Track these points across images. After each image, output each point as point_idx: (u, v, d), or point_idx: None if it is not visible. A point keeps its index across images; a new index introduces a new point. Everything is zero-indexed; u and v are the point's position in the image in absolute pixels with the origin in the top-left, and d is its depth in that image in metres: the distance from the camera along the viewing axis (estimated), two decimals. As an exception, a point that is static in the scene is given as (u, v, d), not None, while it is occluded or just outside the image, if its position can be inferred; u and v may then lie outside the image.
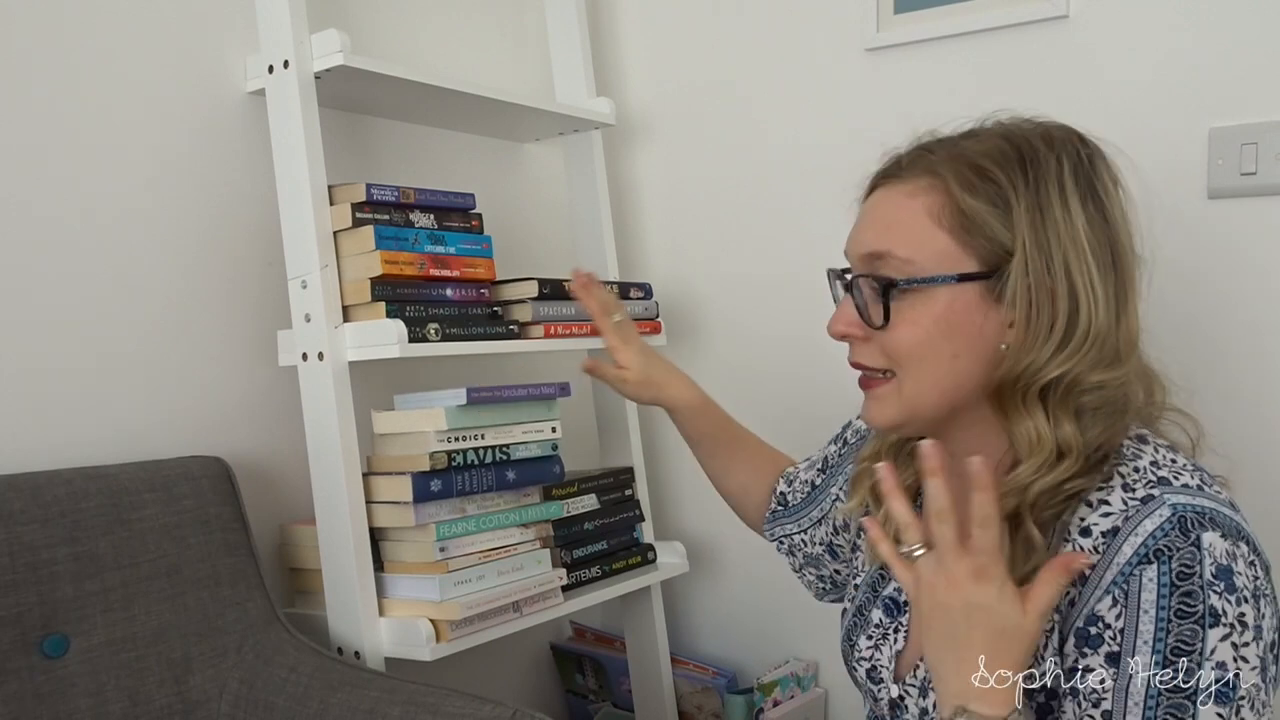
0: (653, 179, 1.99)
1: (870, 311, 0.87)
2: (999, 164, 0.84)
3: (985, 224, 0.83)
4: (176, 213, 1.41)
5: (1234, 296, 1.45)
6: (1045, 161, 0.84)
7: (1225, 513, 0.78)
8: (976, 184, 0.83)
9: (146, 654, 1.20)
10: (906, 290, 0.85)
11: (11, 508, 1.14)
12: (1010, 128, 0.88)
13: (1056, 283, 0.82)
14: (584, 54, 1.83)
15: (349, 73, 1.38)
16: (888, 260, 0.86)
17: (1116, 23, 1.50)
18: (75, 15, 1.31)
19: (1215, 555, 0.74)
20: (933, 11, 1.63)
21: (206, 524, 1.28)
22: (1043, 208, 0.82)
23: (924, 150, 0.89)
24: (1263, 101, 1.40)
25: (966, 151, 0.86)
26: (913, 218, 0.85)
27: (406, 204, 1.42)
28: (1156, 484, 0.80)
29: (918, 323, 0.85)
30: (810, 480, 1.21)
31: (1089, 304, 0.82)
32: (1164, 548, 0.75)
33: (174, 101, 1.41)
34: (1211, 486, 0.81)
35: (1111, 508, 0.80)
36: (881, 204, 0.90)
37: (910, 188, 0.87)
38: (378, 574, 1.37)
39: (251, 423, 1.46)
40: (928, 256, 0.84)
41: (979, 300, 0.84)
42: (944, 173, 0.85)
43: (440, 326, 1.39)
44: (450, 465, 1.37)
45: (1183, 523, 0.76)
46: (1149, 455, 0.83)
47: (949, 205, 0.84)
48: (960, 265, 0.84)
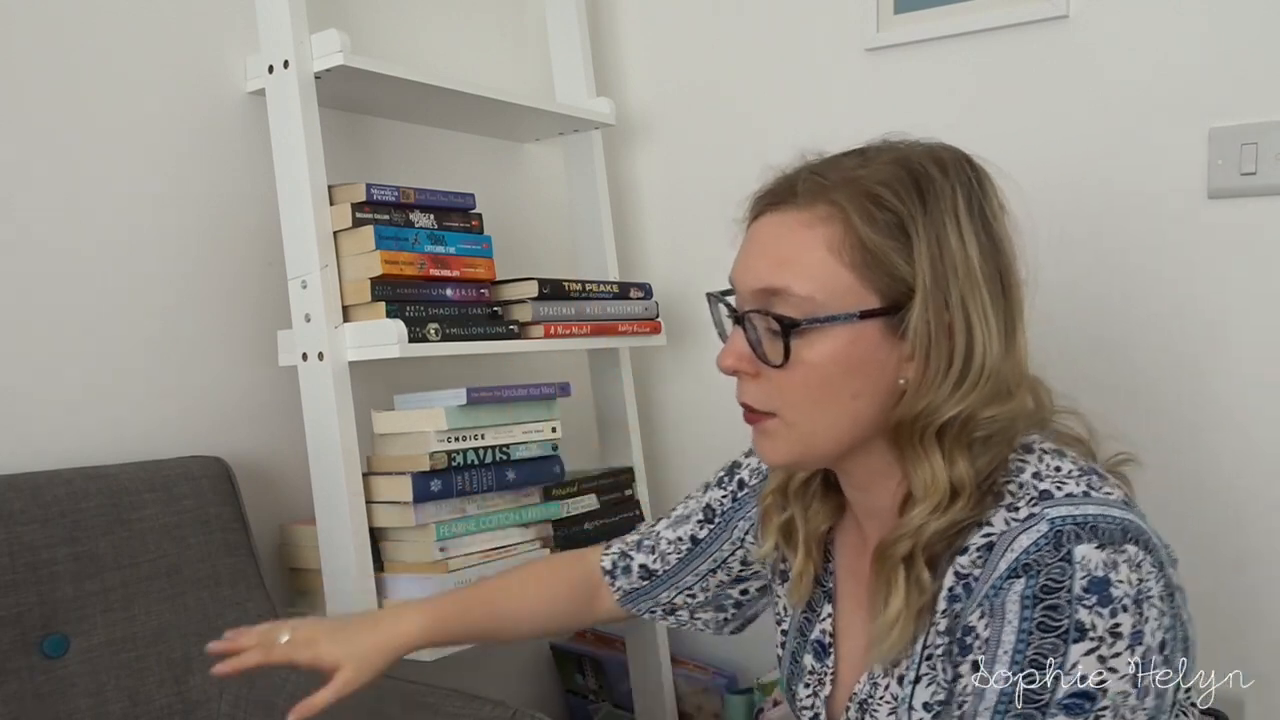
0: (653, 179, 1.99)
1: (766, 349, 0.82)
2: (897, 193, 0.80)
3: (887, 258, 0.79)
4: (176, 213, 1.40)
5: (1234, 296, 1.45)
6: (941, 189, 0.81)
7: (1113, 516, 0.75)
8: (876, 215, 0.80)
9: (146, 654, 1.20)
10: (806, 330, 0.80)
11: (11, 508, 1.14)
12: (903, 152, 0.84)
13: (954, 318, 0.79)
14: (584, 54, 1.83)
15: (349, 73, 1.38)
16: (785, 297, 0.81)
17: (1116, 23, 1.50)
18: (75, 16, 1.31)
19: (1089, 568, 0.72)
20: (933, 11, 1.63)
21: (206, 524, 1.28)
22: (940, 240, 0.79)
23: (818, 175, 0.84)
24: (1263, 101, 1.40)
25: (863, 179, 0.81)
26: (811, 251, 0.81)
27: (406, 204, 1.42)
28: (1039, 499, 0.78)
29: (818, 363, 0.81)
30: (687, 536, 1.10)
31: (984, 339, 0.79)
32: (1034, 562, 0.74)
33: (174, 101, 1.41)
34: (1100, 489, 0.78)
35: (994, 529, 0.78)
36: (775, 233, 0.84)
37: (806, 217, 0.82)
38: (378, 574, 1.37)
39: (251, 423, 1.46)
40: (829, 293, 0.80)
41: (880, 337, 0.81)
42: (843, 202, 0.80)
43: (440, 326, 1.39)
44: (450, 465, 1.37)
45: (1058, 537, 0.74)
46: (1032, 466, 0.81)
47: (849, 238, 0.80)
48: (862, 302, 0.80)
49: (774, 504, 0.97)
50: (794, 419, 0.83)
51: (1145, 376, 1.52)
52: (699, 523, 1.09)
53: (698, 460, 1.97)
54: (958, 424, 0.80)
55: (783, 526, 0.96)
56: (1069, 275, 1.56)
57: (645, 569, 1.11)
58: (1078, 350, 1.56)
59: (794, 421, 0.83)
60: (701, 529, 1.09)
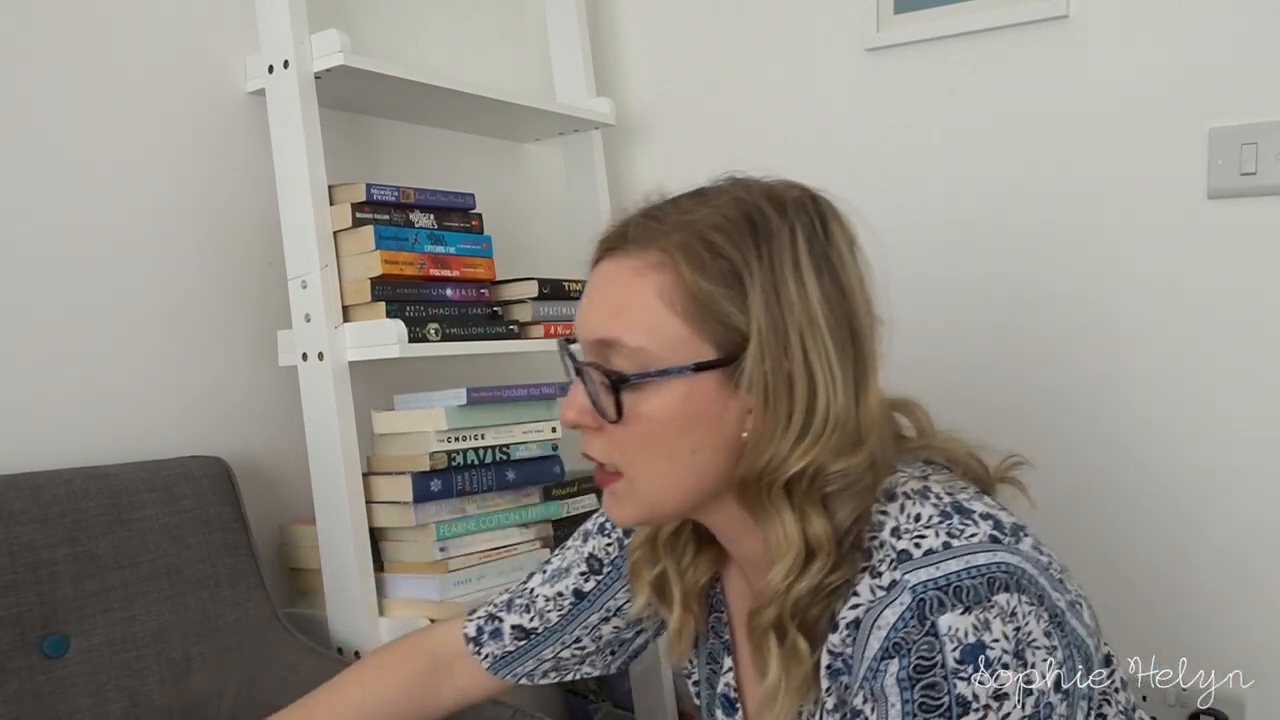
0: (653, 179, 1.98)
1: (602, 404, 0.78)
2: (731, 238, 0.76)
3: (719, 307, 0.75)
4: (176, 213, 1.40)
5: (1233, 296, 1.45)
6: (779, 231, 0.76)
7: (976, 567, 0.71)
8: (708, 262, 0.75)
9: (146, 654, 1.20)
10: (639, 384, 0.76)
11: (11, 508, 1.14)
12: (742, 192, 0.80)
13: (794, 368, 0.75)
14: (584, 54, 1.83)
15: (349, 73, 1.38)
16: (618, 349, 0.77)
17: (1116, 23, 1.50)
18: (75, 16, 1.31)
19: (958, 638, 0.69)
20: (933, 11, 1.63)
21: (206, 524, 1.28)
22: (778, 286, 0.75)
23: (651, 219, 0.79)
24: (1263, 101, 1.40)
25: (696, 223, 0.77)
26: (643, 300, 0.76)
27: (406, 204, 1.42)
28: (898, 562, 0.72)
29: (651, 417, 0.76)
30: (569, 590, 1.01)
31: (827, 389, 0.75)
32: (902, 640, 0.70)
33: (174, 102, 1.41)
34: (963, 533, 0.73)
35: (860, 599, 0.74)
36: (609, 282, 0.80)
37: (638, 264, 0.77)
38: (378, 574, 1.37)
39: (251, 423, 1.46)
40: (661, 345, 0.75)
41: (718, 389, 0.76)
42: (673, 249, 0.76)
43: (440, 326, 1.39)
44: (450, 465, 1.37)
45: (921, 609, 0.70)
46: (892, 519, 0.75)
47: (680, 287, 0.75)
48: (696, 353, 0.75)
49: (643, 557, 0.92)
50: (635, 476, 0.79)
51: (1145, 376, 1.52)
52: (582, 575, 1.01)
53: None
54: (806, 478, 0.75)
55: (655, 582, 0.91)
56: (1068, 275, 1.56)
57: (520, 629, 1.01)
58: (1077, 350, 1.56)
59: (636, 479, 0.80)
60: (587, 581, 1.01)
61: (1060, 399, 1.57)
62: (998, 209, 1.61)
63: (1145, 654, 1.50)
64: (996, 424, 1.61)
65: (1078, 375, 1.56)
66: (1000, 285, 1.62)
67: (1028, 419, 1.59)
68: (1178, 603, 1.50)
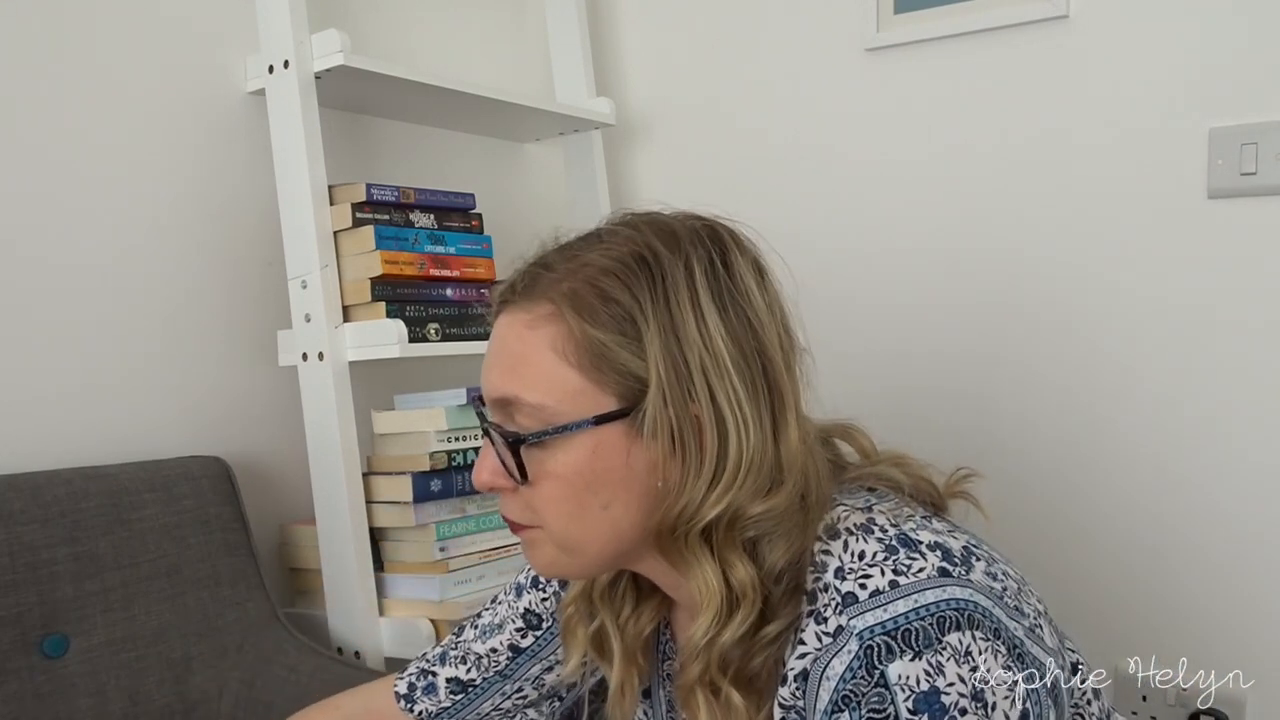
0: (653, 179, 1.99)
1: (507, 464, 0.74)
2: (622, 280, 0.72)
3: (615, 356, 0.71)
4: (177, 213, 1.40)
5: (1233, 296, 1.45)
6: (671, 270, 0.72)
7: (925, 605, 0.67)
8: (599, 309, 0.71)
9: (146, 654, 1.20)
10: (541, 442, 0.72)
11: (11, 508, 1.14)
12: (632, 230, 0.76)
13: (701, 410, 0.71)
14: (584, 54, 1.83)
15: (349, 73, 1.38)
16: (518, 406, 0.73)
17: (1116, 23, 1.50)
18: (75, 16, 1.31)
19: (910, 686, 0.65)
20: (933, 11, 1.63)
21: (206, 524, 1.28)
22: (676, 327, 0.71)
23: (540, 268, 0.76)
24: (1263, 101, 1.40)
25: (585, 268, 0.73)
26: (537, 354, 0.73)
27: (406, 204, 1.42)
28: (844, 606, 0.69)
29: (559, 475, 0.73)
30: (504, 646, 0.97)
31: (739, 430, 0.71)
32: (851, 693, 0.67)
33: (174, 101, 1.41)
34: (911, 568, 0.70)
35: (806, 646, 0.70)
36: (504, 336, 0.76)
37: (530, 317, 0.73)
38: (378, 574, 1.37)
39: (251, 423, 1.46)
40: (559, 399, 0.72)
41: (622, 440, 0.72)
42: (560, 298, 0.72)
43: (440, 326, 1.39)
44: (450, 465, 1.37)
45: (869, 655, 0.67)
46: (835, 559, 0.71)
47: (572, 338, 0.71)
48: (596, 405, 0.71)
49: (578, 612, 0.87)
50: (555, 532, 0.75)
51: (1144, 376, 1.52)
52: (518, 631, 0.96)
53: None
54: (724, 524, 0.71)
55: (593, 637, 0.86)
56: (1068, 275, 1.56)
57: (457, 681, 0.97)
58: (1076, 349, 1.56)
59: (555, 534, 0.75)
60: (524, 637, 0.96)
61: (1060, 396, 1.57)
62: (997, 209, 1.61)
63: (1145, 654, 1.50)
64: (992, 421, 1.62)
65: (1076, 374, 1.56)
66: (997, 284, 1.62)
67: (1025, 418, 1.59)
68: (1178, 603, 1.49)
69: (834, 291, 1.69)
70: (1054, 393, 1.58)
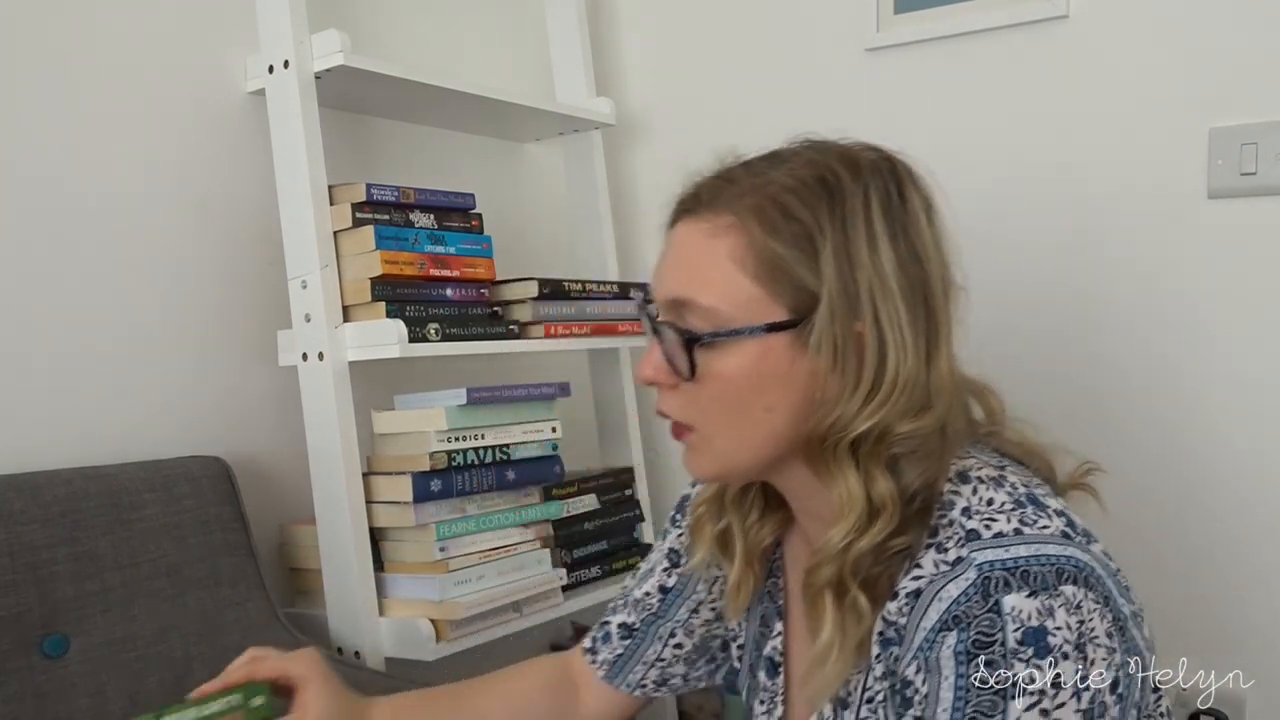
0: (653, 179, 1.99)
1: (676, 362, 0.80)
2: (803, 200, 0.77)
3: (791, 269, 0.76)
4: (177, 212, 1.40)
5: (1233, 296, 1.45)
6: (852, 195, 0.77)
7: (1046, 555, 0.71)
8: (780, 224, 0.77)
9: (146, 654, 1.20)
10: (713, 343, 0.78)
11: (11, 508, 1.14)
12: (816, 154, 0.81)
13: (864, 329, 0.76)
14: (584, 54, 1.83)
15: (349, 73, 1.38)
16: (692, 308, 0.78)
17: (1116, 23, 1.50)
18: (75, 16, 1.31)
19: (1021, 619, 0.69)
20: (933, 11, 1.63)
21: (206, 524, 1.28)
22: (850, 249, 0.76)
23: (725, 181, 0.82)
24: (1263, 101, 1.40)
25: (769, 185, 0.79)
26: (715, 262, 0.78)
27: (406, 204, 1.42)
28: (966, 541, 0.73)
29: (726, 377, 0.78)
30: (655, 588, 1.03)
31: (897, 352, 0.76)
32: (963, 614, 0.70)
33: (174, 101, 1.41)
34: (1036, 523, 0.73)
35: (923, 571, 0.75)
36: (683, 243, 0.81)
37: (711, 227, 0.79)
38: (378, 574, 1.37)
39: (251, 423, 1.46)
40: (733, 305, 0.77)
41: (789, 349, 0.77)
42: (745, 211, 0.78)
43: (440, 326, 1.39)
44: (450, 465, 1.37)
45: (986, 585, 0.70)
46: (963, 500, 0.76)
47: (752, 249, 0.77)
48: (768, 314, 0.77)
49: (708, 513, 0.93)
50: (710, 433, 0.81)
51: (1144, 377, 1.52)
52: (664, 571, 1.03)
53: None
54: (872, 438, 0.76)
55: (718, 536, 0.92)
56: (1067, 275, 1.56)
57: (625, 626, 1.04)
58: (1075, 350, 1.56)
59: (710, 436, 0.81)
60: (670, 576, 1.03)
61: (1057, 396, 1.57)
62: (997, 209, 1.60)
63: (1145, 654, 1.50)
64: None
65: (1074, 374, 1.56)
66: (998, 285, 1.61)
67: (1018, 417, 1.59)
68: (1178, 602, 1.49)
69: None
70: (1051, 392, 1.58)
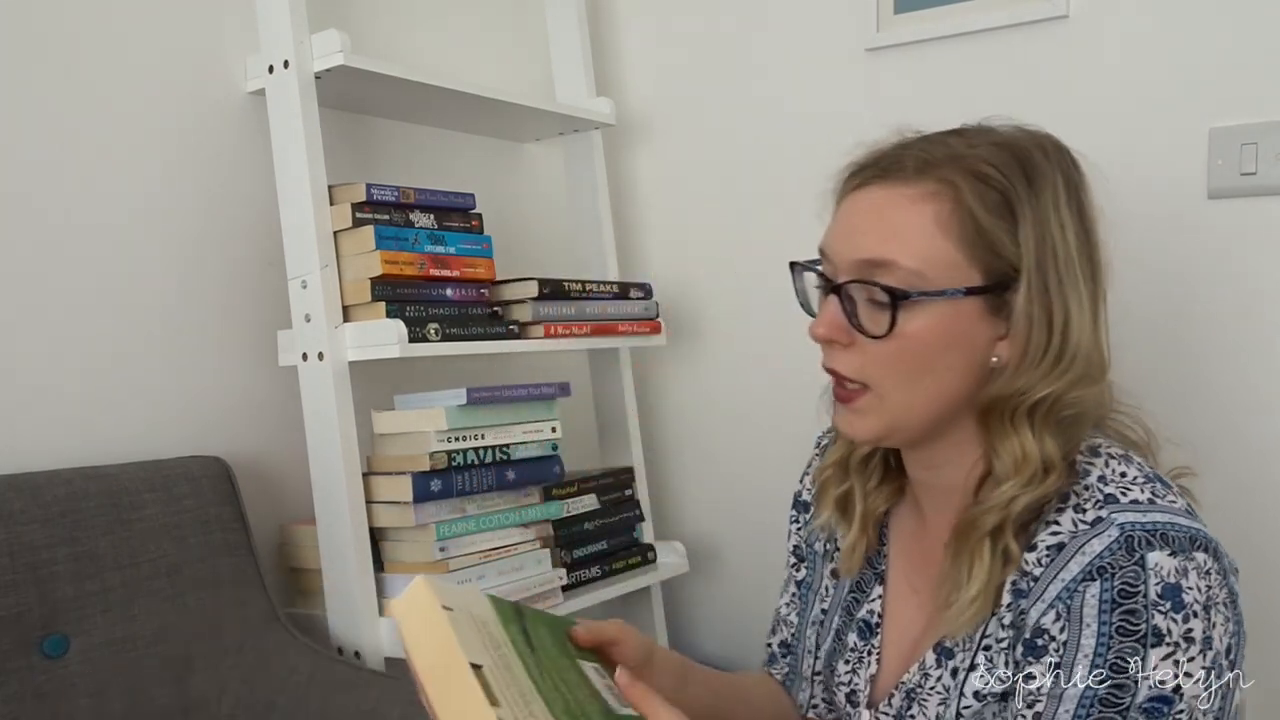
0: (653, 179, 1.99)
1: (865, 320, 0.83)
2: (1004, 173, 0.82)
3: (994, 237, 0.81)
4: (176, 212, 1.40)
5: (1234, 296, 1.45)
6: (1044, 173, 0.83)
7: (1181, 524, 0.77)
8: (985, 193, 0.81)
9: (146, 654, 1.20)
10: (908, 303, 0.81)
11: (11, 508, 1.14)
12: (1006, 136, 0.86)
13: (1053, 301, 0.81)
14: (584, 54, 1.83)
15: (349, 73, 1.38)
16: (891, 269, 0.82)
17: (1116, 23, 1.50)
18: (75, 16, 1.31)
19: (1162, 574, 0.74)
20: (933, 11, 1.63)
21: (206, 524, 1.28)
22: (1043, 223, 0.82)
23: (923, 151, 0.85)
24: (1263, 101, 1.40)
25: (970, 157, 0.83)
26: (919, 225, 0.82)
27: (406, 204, 1.42)
28: (1104, 503, 0.79)
29: (917, 336, 0.82)
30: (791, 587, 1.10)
31: (1079, 323, 0.82)
32: (1108, 565, 0.75)
33: (174, 101, 1.41)
34: (1165, 496, 0.80)
35: (1061, 528, 0.80)
36: (880, 206, 0.84)
37: (914, 191, 0.83)
38: (378, 574, 1.37)
39: (251, 423, 1.46)
40: (934, 268, 0.81)
41: (979, 314, 0.82)
42: (953, 178, 0.82)
43: (440, 326, 1.39)
44: (450, 465, 1.37)
45: (1129, 542, 0.76)
46: (1098, 469, 0.82)
47: (958, 214, 0.81)
48: (967, 278, 0.81)
49: (833, 476, 0.98)
50: (887, 391, 0.84)
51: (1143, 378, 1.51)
52: (793, 568, 1.10)
53: (698, 460, 1.98)
54: (1048, 403, 0.81)
55: (840, 499, 0.97)
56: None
57: (784, 644, 1.10)
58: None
59: (887, 394, 0.84)
60: (799, 571, 1.09)
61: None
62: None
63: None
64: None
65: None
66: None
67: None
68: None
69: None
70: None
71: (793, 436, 1.57)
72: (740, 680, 1.10)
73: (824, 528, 1.03)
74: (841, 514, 0.98)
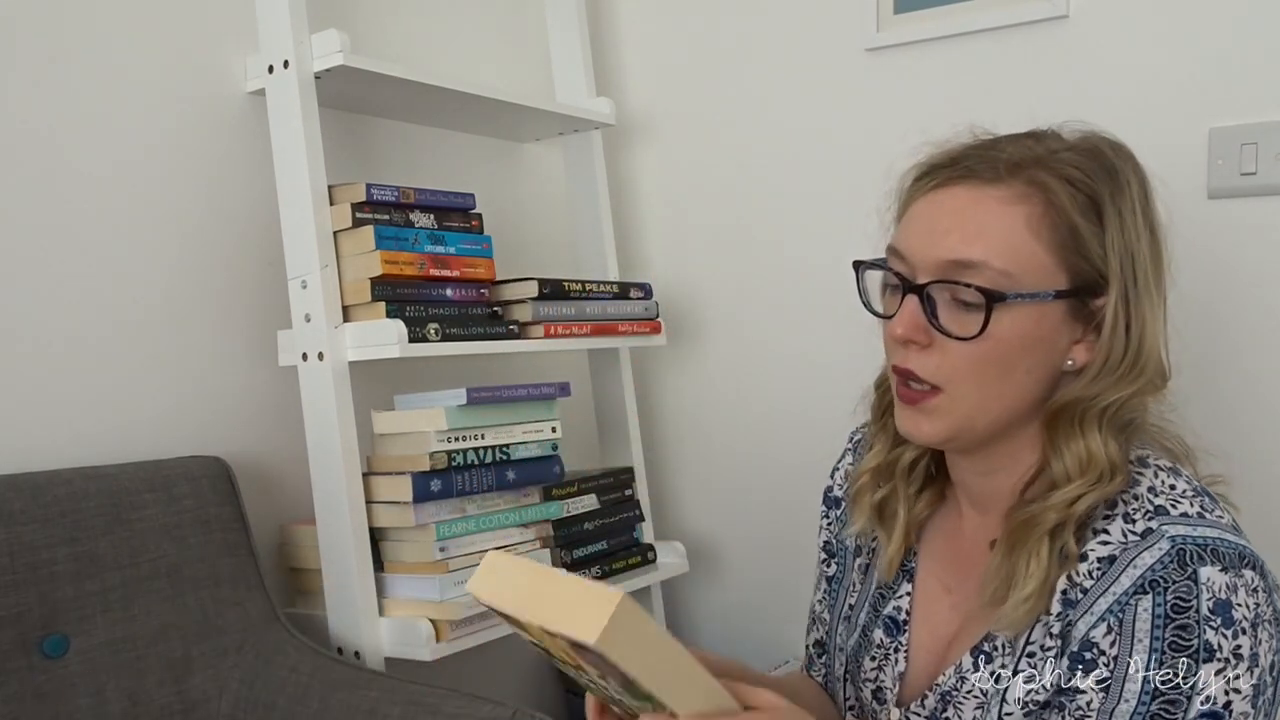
0: (653, 179, 1.99)
1: (952, 321, 0.81)
2: (1091, 177, 0.82)
3: (1084, 242, 0.81)
4: (176, 213, 1.40)
5: (1234, 296, 1.45)
6: (1126, 179, 0.83)
7: (1229, 539, 0.77)
8: (1077, 196, 0.81)
9: (146, 654, 1.20)
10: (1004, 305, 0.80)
11: (11, 508, 1.14)
12: (1080, 138, 0.86)
13: (1134, 308, 0.82)
14: (584, 54, 1.83)
15: (349, 73, 1.38)
16: (980, 270, 0.80)
17: (1116, 23, 1.50)
18: (75, 16, 1.31)
19: (1214, 590, 0.74)
20: (933, 11, 1.63)
21: (206, 524, 1.28)
22: (1125, 229, 0.81)
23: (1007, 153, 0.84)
24: (1263, 101, 1.40)
25: (1059, 161, 0.82)
26: (1009, 226, 0.80)
27: (406, 204, 1.42)
28: (1154, 514, 0.79)
29: (1003, 338, 0.80)
30: (823, 583, 1.10)
31: (1152, 330, 0.82)
32: (1160, 579, 0.75)
33: (174, 101, 1.41)
34: (1213, 511, 0.80)
35: (1110, 538, 0.80)
36: (966, 206, 0.83)
37: (1003, 193, 0.81)
38: (378, 574, 1.37)
39: (251, 423, 1.46)
40: (1024, 270, 0.80)
41: (1062, 318, 0.82)
42: (1044, 181, 0.81)
43: (440, 326, 1.39)
44: (450, 465, 1.37)
45: (1181, 556, 0.75)
46: (1147, 480, 0.82)
47: (1049, 218, 0.80)
48: (1055, 281, 0.81)
49: (870, 483, 0.96)
50: (962, 394, 0.83)
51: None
52: (823, 564, 1.09)
53: (698, 460, 1.98)
54: (1115, 407, 0.82)
55: (878, 504, 0.95)
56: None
57: (819, 644, 1.09)
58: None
59: (961, 396, 0.83)
60: (830, 567, 1.08)
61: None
62: (998, 209, 1.61)
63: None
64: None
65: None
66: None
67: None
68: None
69: (835, 289, 1.69)
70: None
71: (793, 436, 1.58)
72: (791, 684, 1.09)
73: (860, 534, 1.01)
74: (879, 520, 0.96)
